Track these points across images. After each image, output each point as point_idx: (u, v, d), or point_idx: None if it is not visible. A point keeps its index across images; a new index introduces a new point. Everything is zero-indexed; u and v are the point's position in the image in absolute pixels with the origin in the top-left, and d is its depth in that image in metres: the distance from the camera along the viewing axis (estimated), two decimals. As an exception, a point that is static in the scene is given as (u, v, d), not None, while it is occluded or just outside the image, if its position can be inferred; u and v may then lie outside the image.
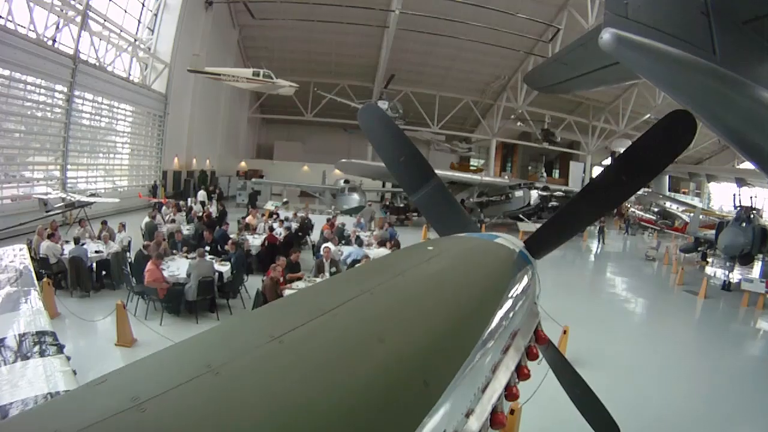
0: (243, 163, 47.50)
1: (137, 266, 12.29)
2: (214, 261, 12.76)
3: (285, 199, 29.17)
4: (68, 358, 4.68)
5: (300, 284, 11.24)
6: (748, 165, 47.90)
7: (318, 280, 11.63)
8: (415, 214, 32.66)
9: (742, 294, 17.42)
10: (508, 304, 2.98)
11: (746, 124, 10.56)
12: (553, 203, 35.05)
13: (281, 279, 10.95)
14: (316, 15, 35.18)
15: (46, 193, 20.69)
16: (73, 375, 4.37)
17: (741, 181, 38.48)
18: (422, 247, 3.45)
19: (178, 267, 12.43)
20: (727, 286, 19.38)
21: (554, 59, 14.30)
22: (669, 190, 49.25)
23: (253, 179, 38.53)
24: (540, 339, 3.48)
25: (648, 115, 45.24)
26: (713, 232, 23.38)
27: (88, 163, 26.96)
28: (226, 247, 14.30)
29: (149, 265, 11.16)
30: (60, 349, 4.81)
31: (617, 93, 45.17)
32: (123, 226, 16.22)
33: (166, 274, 11.66)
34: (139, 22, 30.31)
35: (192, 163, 38.06)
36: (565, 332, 10.18)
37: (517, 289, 3.24)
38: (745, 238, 18.42)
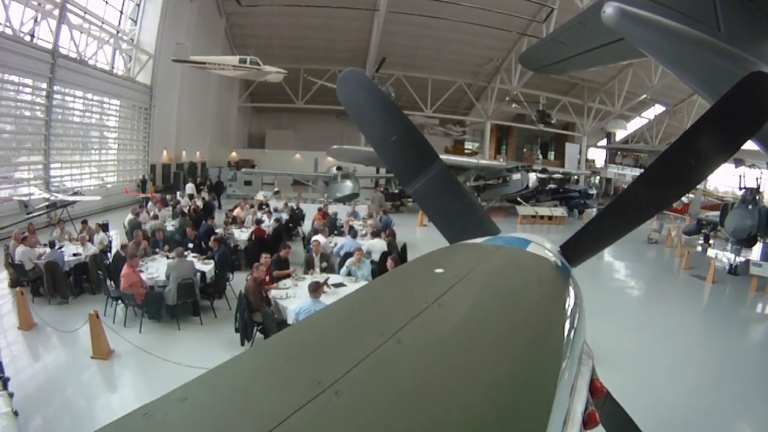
0: (234, 153, 46.71)
1: (116, 269, 11.58)
2: (196, 260, 12.12)
3: (276, 189, 28.54)
4: (11, 395, 4.06)
5: (288, 282, 10.67)
6: (744, 145, 47.69)
7: (307, 277, 11.06)
8: (411, 199, 32.10)
9: (751, 278, 16.96)
10: (564, 359, 1.79)
11: None
12: (552, 185, 34.58)
13: (266, 278, 10.34)
14: (304, 0, 34.39)
15: (29, 194, 19.94)
16: (14, 417, 3.75)
17: (739, 161, 38.34)
18: (427, 267, 2.39)
19: (157, 268, 11.68)
20: (733, 269, 18.95)
21: (551, 38, 13.76)
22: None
23: (244, 169, 37.95)
24: (596, 391, 2.38)
25: (644, 96, 44.80)
26: (715, 213, 23.09)
27: (73, 161, 26.13)
28: (210, 244, 13.50)
29: (125, 269, 10.40)
30: (4, 383, 4.19)
31: (612, 74, 44.68)
32: (101, 227, 15.48)
33: (144, 276, 10.95)
34: (121, 12, 29.40)
35: (182, 155, 37.33)
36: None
37: (570, 322, 2.13)
38: (752, 220, 18.03)
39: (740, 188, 20.48)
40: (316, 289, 8.48)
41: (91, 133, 27.94)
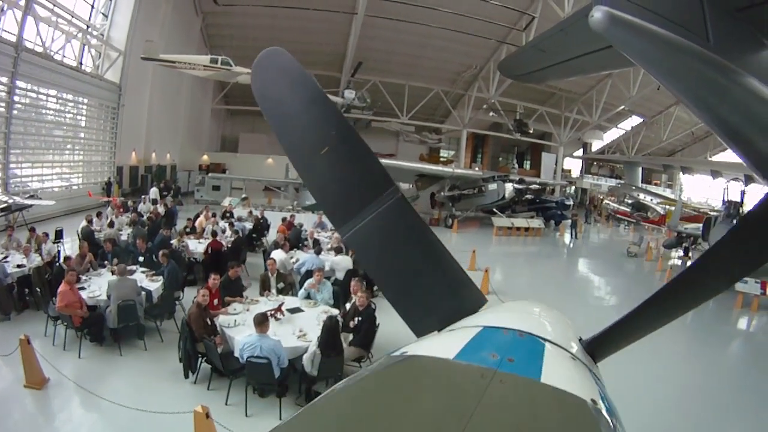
0: (205, 157, 45.64)
1: (58, 284, 10.06)
2: (145, 276, 11.13)
3: (244, 195, 27.61)
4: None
5: (238, 307, 9.55)
6: (720, 157, 48.00)
7: (262, 300, 10.14)
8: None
9: (735, 295, 16.70)
10: None
11: (738, 115, 9.68)
12: (528, 196, 33.99)
13: (215, 302, 9.38)
14: (282, 1, 33.69)
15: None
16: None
17: (716, 173, 38.45)
18: None
19: (100, 286, 10.47)
20: None
21: (531, 45, 13.21)
22: (642, 182, 49.05)
23: (211, 174, 36.98)
24: None
25: (622, 107, 44.71)
26: (694, 226, 22.93)
27: (34, 160, 24.87)
28: (159, 259, 12.08)
29: (61, 286, 9.32)
30: None
31: (591, 84, 44.63)
32: (47, 236, 14.27)
33: (85, 294, 9.88)
34: (92, 6, 28.24)
35: (151, 157, 36.12)
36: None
37: None
38: None
39: (723, 202, 20.25)
40: (262, 322, 7.52)
41: (54, 132, 26.72)
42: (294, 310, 9.54)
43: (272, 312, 8.81)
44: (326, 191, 2.60)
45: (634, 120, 52.02)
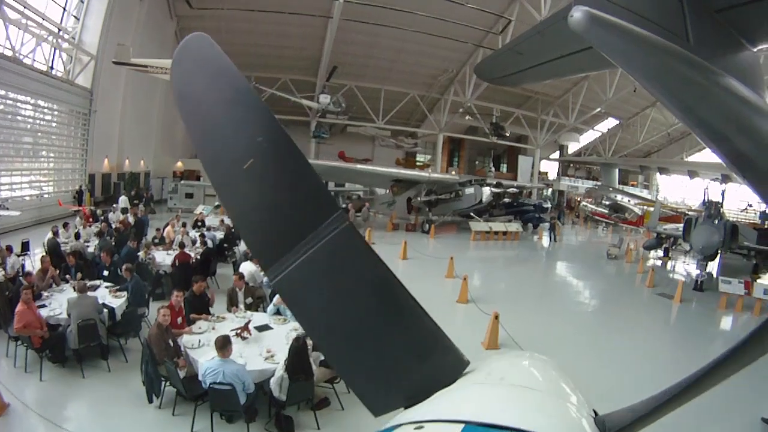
0: (180, 163, 44.71)
1: (17, 301, 9.36)
2: (108, 292, 10.55)
3: (217, 203, 27.00)
4: None
5: (204, 325, 8.93)
6: (696, 157, 48.35)
7: (229, 316, 9.57)
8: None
9: (719, 295, 16.82)
10: None
11: (717, 115, 9.57)
12: (506, 200, 33.78)
13: (178, 320, 8.83)
14: (257, 5, 33.31)
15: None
16: None
17: (693, 173, 38.74)
18: None
19: (61, 303, 9.77)
20: (699, 286, 18.90)
21: (508, 48, 12.92)
22: (618, 183, 49.32)
23: (184, 181, 36.35)
24: None
25: (598, 109, 44.81)
26: (673, 226, 23.07)
27: (2, 169, 23.89)
28: (123, 273, 11.27)
29: (19, 305, 8.70)
30: None
31: (567, 87, 44.79)
32: (10, 249, 13.25)
33: (45, 312, 9.29)
34: (64, 9, 27.42)
35: (124, 164, 35.15)
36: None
37: None
38: (719, 235, 17.87)
39: (703, 203, 20.36)
40: (224, 345, 6.93)
41: (23, 138, 25.82)
42: (262, 328, 8.99)
43: (238, 331, 8.36)
44: (249, 218, 2.03)
45: (611, 122, 52.31)
